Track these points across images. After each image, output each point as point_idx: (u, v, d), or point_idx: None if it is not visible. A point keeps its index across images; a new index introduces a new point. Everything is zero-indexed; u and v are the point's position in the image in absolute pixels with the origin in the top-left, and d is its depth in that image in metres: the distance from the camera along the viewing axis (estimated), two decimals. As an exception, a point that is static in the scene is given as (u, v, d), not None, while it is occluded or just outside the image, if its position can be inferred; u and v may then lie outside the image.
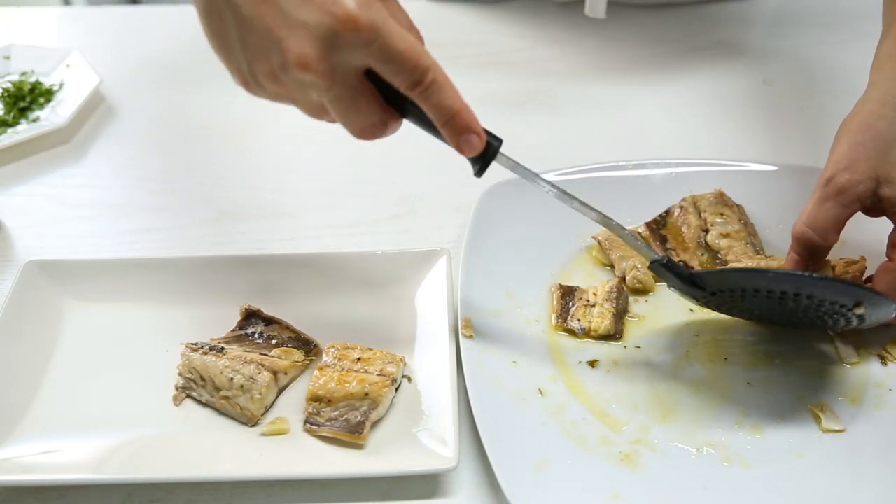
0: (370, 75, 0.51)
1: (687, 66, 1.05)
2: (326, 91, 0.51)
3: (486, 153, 0.55)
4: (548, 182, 0.60)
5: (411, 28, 0.54)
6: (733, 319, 0.68)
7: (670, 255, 0.74)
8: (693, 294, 0.63)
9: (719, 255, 0.73)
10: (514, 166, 0.58)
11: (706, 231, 0.75)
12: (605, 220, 0.61)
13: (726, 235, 0.73)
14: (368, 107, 0.52)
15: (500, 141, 0.56)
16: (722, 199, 0.77)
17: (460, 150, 0.54)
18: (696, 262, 0.73)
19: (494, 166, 0.57)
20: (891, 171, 0.61)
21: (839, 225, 0.62)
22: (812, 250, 0.63)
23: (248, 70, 0.53)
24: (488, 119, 0.96)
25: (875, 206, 0.62)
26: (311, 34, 0.48)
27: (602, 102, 0.99)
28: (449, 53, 1.11)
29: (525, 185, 0.79)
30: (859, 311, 0.57)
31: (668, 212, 0.78)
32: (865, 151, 0.61)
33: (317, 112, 0.55)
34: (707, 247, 0.74)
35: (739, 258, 0.71)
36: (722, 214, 0.75)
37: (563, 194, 0.60)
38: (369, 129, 0.54)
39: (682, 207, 0.77)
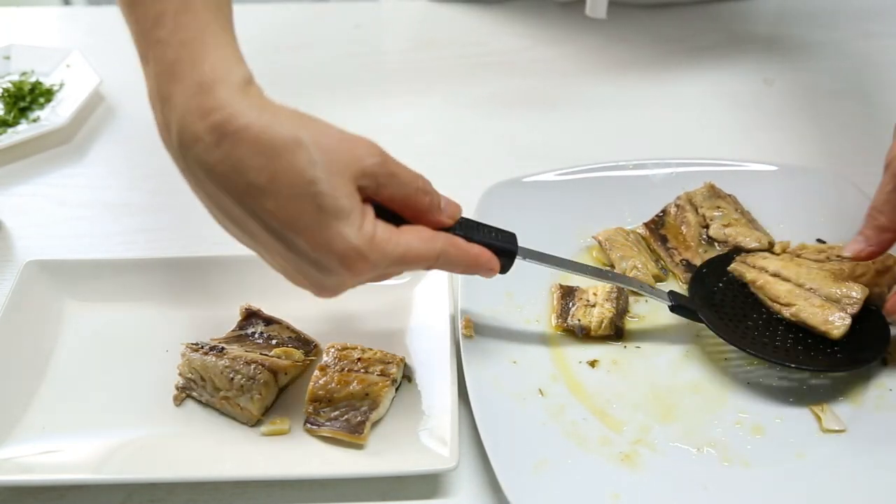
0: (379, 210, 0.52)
1: (687, 66, 1.05)
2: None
3: (505, 260, 0.58)
4: (569, 263, 0.65)
5: (416, 179, 0.53)
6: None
7: (672, 254, 0.74)
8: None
9: (727, 243, 0.74)
10: (533, 254, 0.61)
11: (706, 227, 0.75)
12: (625, 280, 0.67)
13: (728, 225, 0.74)
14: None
15: (515, 244, 0.59)
16: (714, 192, 0.77)
17: (484, 276, 0.58)
18: (699, 259, 0.73)
19: (494, 167, 0.57)
20: None
21: (891, 198, 0.62)
22: (876, 230, 0.63)
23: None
24: (489, 119, 0.97)
25: None
26: (329, 287, 0.53)
27: (602, 102, 0.99)
28: (449, 53, 1.12)
29: (525, 185, 0.79)
30: None
31: (664, 211, 0.78)
32: None
33: None
34: (711, 241, 0.74)
35: (747, 237, 0.73)
36: (718, 207, 0.76)
37: (587, 269, 0.65)
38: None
39: (677, 206, 0.77)
